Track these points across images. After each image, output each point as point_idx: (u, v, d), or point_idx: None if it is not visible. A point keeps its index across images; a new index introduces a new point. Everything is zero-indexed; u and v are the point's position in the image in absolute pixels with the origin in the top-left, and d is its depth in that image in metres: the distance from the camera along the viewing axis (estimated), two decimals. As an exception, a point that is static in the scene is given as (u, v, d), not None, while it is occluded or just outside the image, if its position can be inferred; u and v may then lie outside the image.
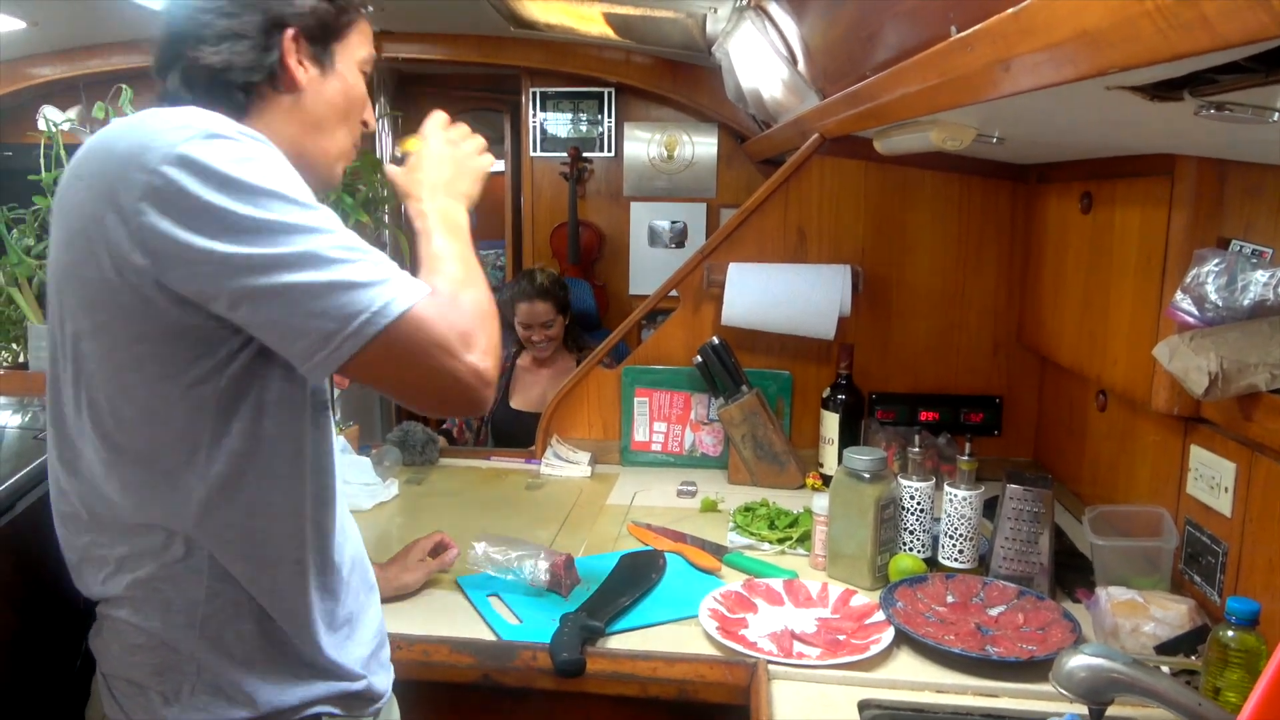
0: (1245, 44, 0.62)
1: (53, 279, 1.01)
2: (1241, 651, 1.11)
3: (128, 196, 0.89)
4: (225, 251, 0.89)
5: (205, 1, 1.04)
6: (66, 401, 1.01)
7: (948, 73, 1.14)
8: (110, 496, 1.01)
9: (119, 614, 1.04)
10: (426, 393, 0.99)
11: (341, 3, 1.10)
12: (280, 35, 1.04)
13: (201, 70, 1.03)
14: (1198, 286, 1.40)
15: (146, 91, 3.23)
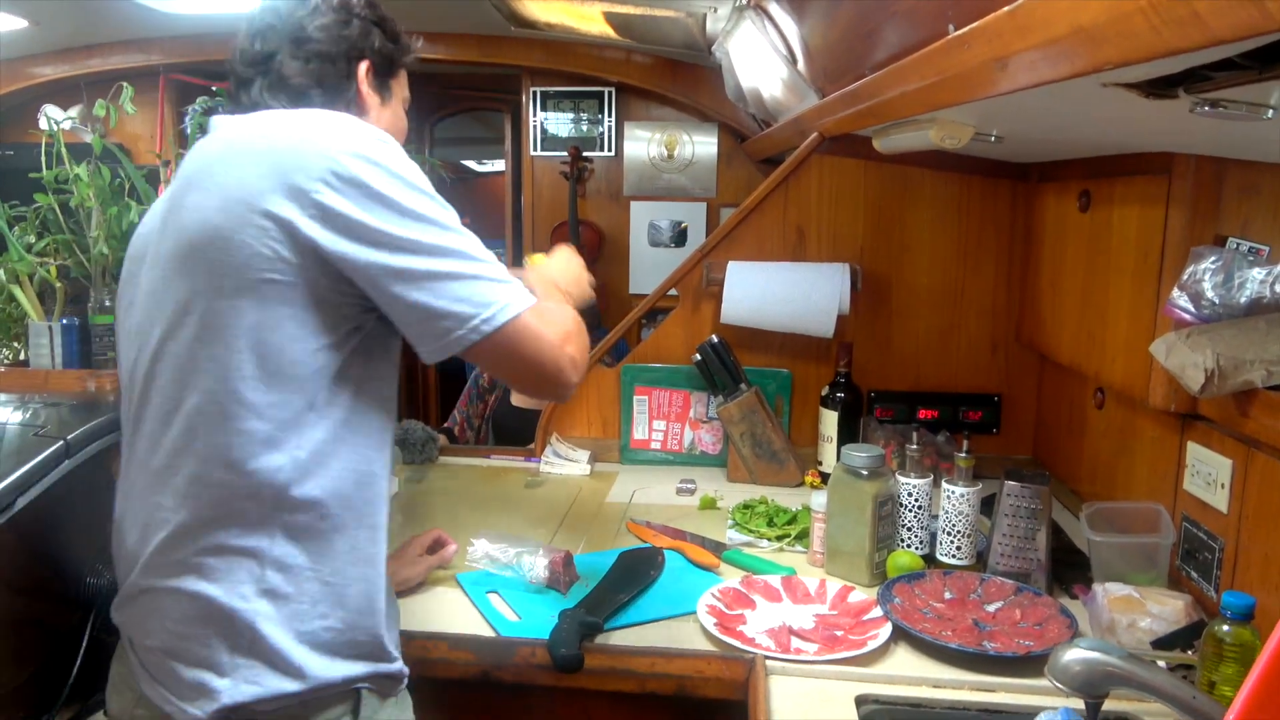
0: (1237, 40, 0.63)
1: (177, 245, 1.07)
2: (1237, 646, 1.12)
3: (304, 178, 1.02)
4: (393, 233, 1.03)
5: (301, 23, 1.20)
6: (171, 355, 1.06)
7: (945, 71, 1.14)
8: (206, 453, 1.04)
9: (177, 583, 1.06)
10: (529, 377, 1.18)
11: (403, 49, 1.31)
12: (358, 65, 1.23)
13: (289, 85, 1.18)
14: (1195, 284, 1.41)
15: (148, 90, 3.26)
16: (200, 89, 3.23)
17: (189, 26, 3.08)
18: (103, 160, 1.73)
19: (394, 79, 1.30)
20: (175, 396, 1.06)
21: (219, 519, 1.05)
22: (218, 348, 1.04)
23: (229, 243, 1.02)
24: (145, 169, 2.05)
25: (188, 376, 1.06)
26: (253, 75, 1.19)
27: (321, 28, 1.21)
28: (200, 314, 1.04)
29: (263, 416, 1.04)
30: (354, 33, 1.23)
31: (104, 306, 1.64)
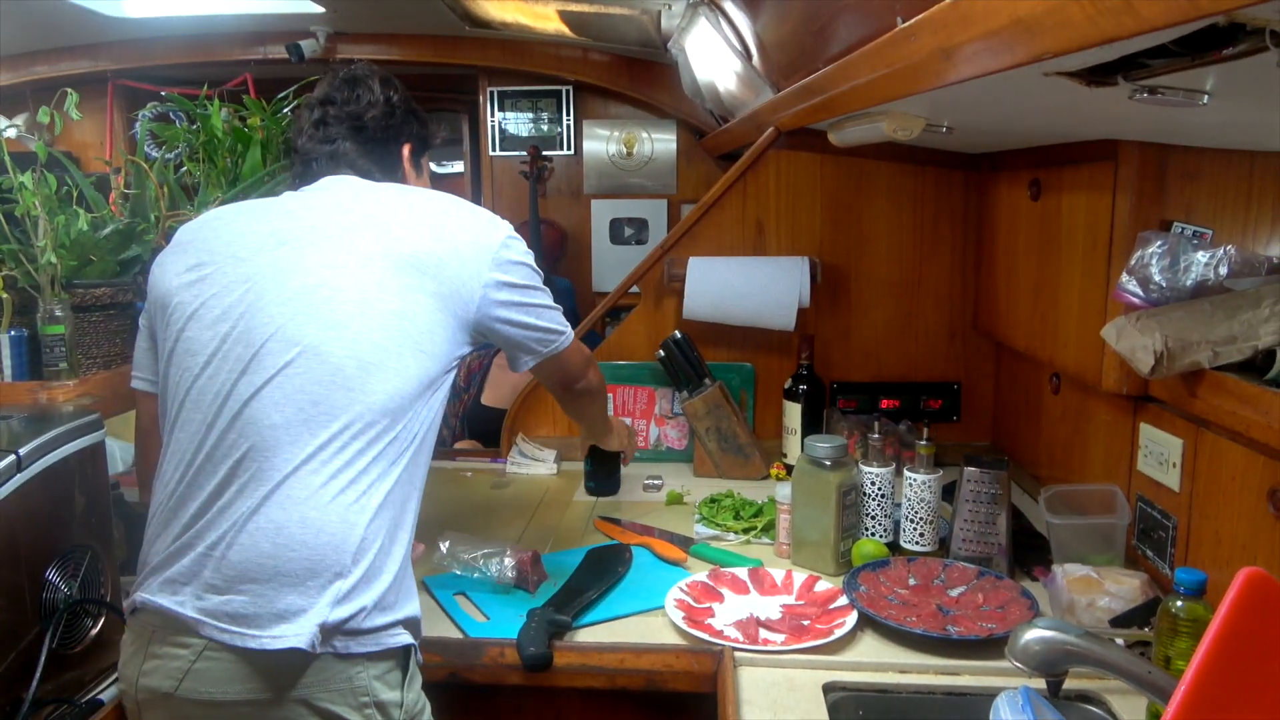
0: (1168, 27, 0.65)
1: (386, 249, 1.27)
2: (1190, 621, 1.14)
3: (490, 244, 1.34)
4: (531, 297, 1.40)
5: (359, 114, 1.44)
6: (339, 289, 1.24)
7: (894, 63, 1.16)
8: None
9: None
10: (566, 381, 1.59)
11: (431, 130, 1.57)
12: (403, 147, 1.49)
13: (353, 163, 1.43)
14: (1142, 268, 1.44)
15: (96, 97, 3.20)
16: (149, 94, 3.19)
17: (136, 31, 3.03)
18: (49, 168, 1.70)
19: (425, 158, 1.57)
20: (336, 325, 1.25)
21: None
22: (375, 333, 1.24)
23: (424, 266, 1.27)
24: (95, 176, 2.01)
25: (346, 314, 1.25)
26: (317, 154, 1.43)
27: (374, 119, 1.45)
28: (374, 286, 1.26)
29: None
30: (397, 122, 1.47)
31: (53, 317, 1.61)
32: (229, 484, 1.17)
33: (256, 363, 1.19)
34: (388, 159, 1.47)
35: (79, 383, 1.62)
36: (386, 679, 1.18)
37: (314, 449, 1.17)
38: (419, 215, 1.35)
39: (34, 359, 1.65)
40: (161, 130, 2.09)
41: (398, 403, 1.22)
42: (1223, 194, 1.46)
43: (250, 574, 1.13)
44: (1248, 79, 0.83)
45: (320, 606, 1.12)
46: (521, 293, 1.38)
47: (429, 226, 1.32)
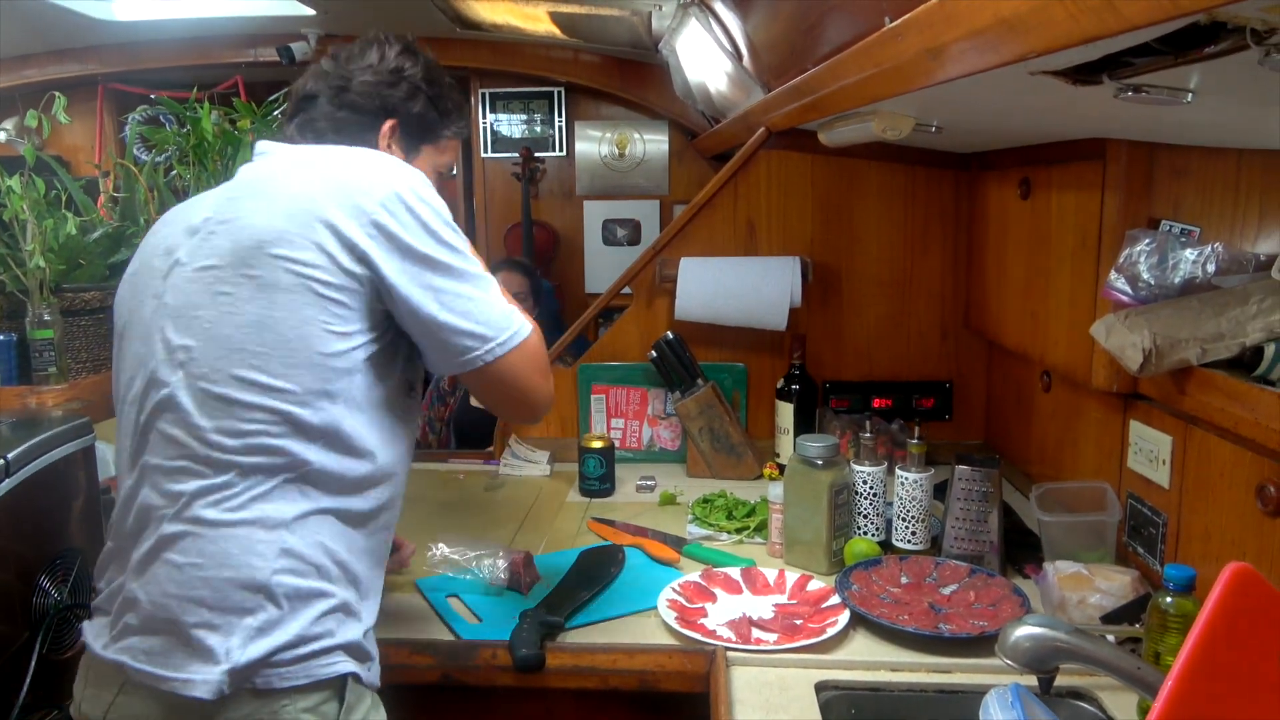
0: (1149, 25, 0.65)
1: (236, 245, 1.12)
2: (1179, 616, 1.15)
3: (366, 199, 1.12)
4: (435, 256, 1.14)
5: (349, 75, 1.31)
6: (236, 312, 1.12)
7: (882, 63, 1.16)
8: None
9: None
10: (514, 402, 1.27)
11: (448, 120, 1.39)
12: (384, 122, 1.31)
13: (315, 126, 1.30)
14: (1131, 266, 1.45)
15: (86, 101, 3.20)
16: (139, 98, 3.18)
17: (127, 35, 3.03)
18: (38, 172, 1.69)
19: (429, 145, 1.38)
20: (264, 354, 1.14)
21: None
22: (273, 324, 1.11)
23: (291, 244, 1.10)
24: (85, 180, 2.01)
25: (266, 337, 1.13)
26: (295, 111, 1.32)
27: (364, 83, 1.31)
28: (254, 285, 1.12)
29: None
30: (396, 94, 1.32)
31: (42, 321, 1.61)
32: (136, 522, 1.13)
33: (147, 393, 1.14)
34: (355, 129, 1.31)
35: (68, 387, 1.62)
36: (320, 711, 1.11)
37: (204, 485, 1.10)
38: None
39: (23, 363, 1.65)
40: (151, 133, 2.09)
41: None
42: (1210, 191, 1.47)
43: (159, 614, 1.08)
44: (1231, 77, 0.84)
45: (231, 646, 1.06)
46: (411, 245, 1.16)
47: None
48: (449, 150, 1.42)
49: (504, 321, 1.20)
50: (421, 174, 1.20)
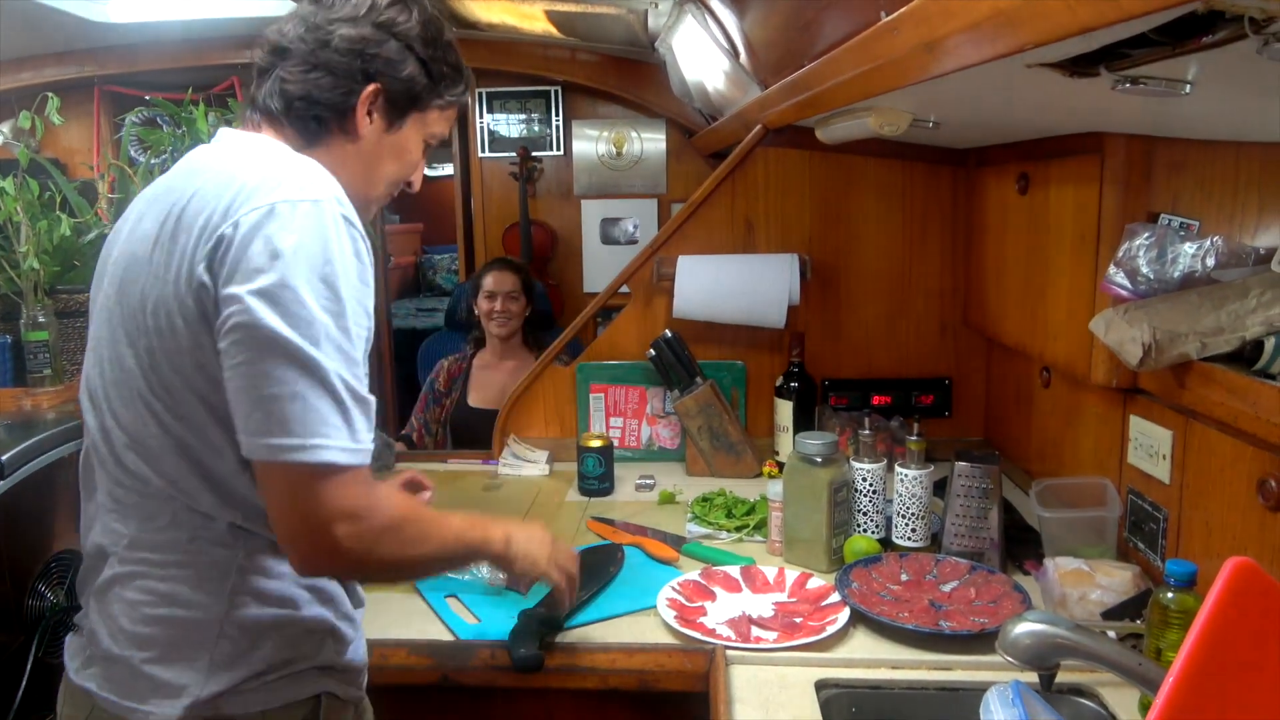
0: (1146, 14, 0.65)
1: (138, 265, 1.04)
2: (1180, 612, 1.14)
3: (227, 226, 0.98)
4: (259, 308, 0.95)
5: (330, 28, 1.12)
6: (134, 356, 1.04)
7: (878, 57, 1.15)
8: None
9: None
10: (291, 536, 1.00)
11: (442, 88, 1.19)
12: (363, 86, 1.12)
13: (285, 92, 1.12)
14: (1130, 260, 1.44)
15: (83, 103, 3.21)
16: (136, 99, 3.17)
17: (123, 37, 3.01)
18: (33, 174, 1.69)
19: (418, 112, 1.19)
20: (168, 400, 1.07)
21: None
22: (151, 356, 1.05)
23: (157, 278, 1.03)
24: (80, 182, 2.00)
25: (161, 380, 1.06)
26: (262, 76, 1.14)
27: (345, 38, 1.12)
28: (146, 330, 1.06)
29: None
30: (382, 53, 1.13)
31: (37, 323, 1.60)
32: (93, 555, 1.11)
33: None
34: (330, 93, 1.12)
35: (63, 388, 1.61)
36: None
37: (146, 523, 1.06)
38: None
39: (18, 365, 1.64)
40: (147, 135, 2.09)
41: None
42: (1209, 185, 1.46)
43: (114, 649, 1.05)
44: (1229, 67, 0.83)
45: (189, 682, 1.03)
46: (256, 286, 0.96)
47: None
48: (443, 119, 1.23)
49: (310, 431, 0.97)
50: (315, 192, 1.01)
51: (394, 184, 1.23)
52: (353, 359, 1.00)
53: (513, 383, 2.66)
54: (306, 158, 1.09)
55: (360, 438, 1.00)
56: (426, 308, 5.89)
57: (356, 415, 0.99)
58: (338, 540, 0.98)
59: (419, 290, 6.70)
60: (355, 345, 1.00)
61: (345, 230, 1.01)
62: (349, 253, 1.01)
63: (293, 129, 1.13)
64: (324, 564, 1.04)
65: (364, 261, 1.03)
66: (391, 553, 1.04)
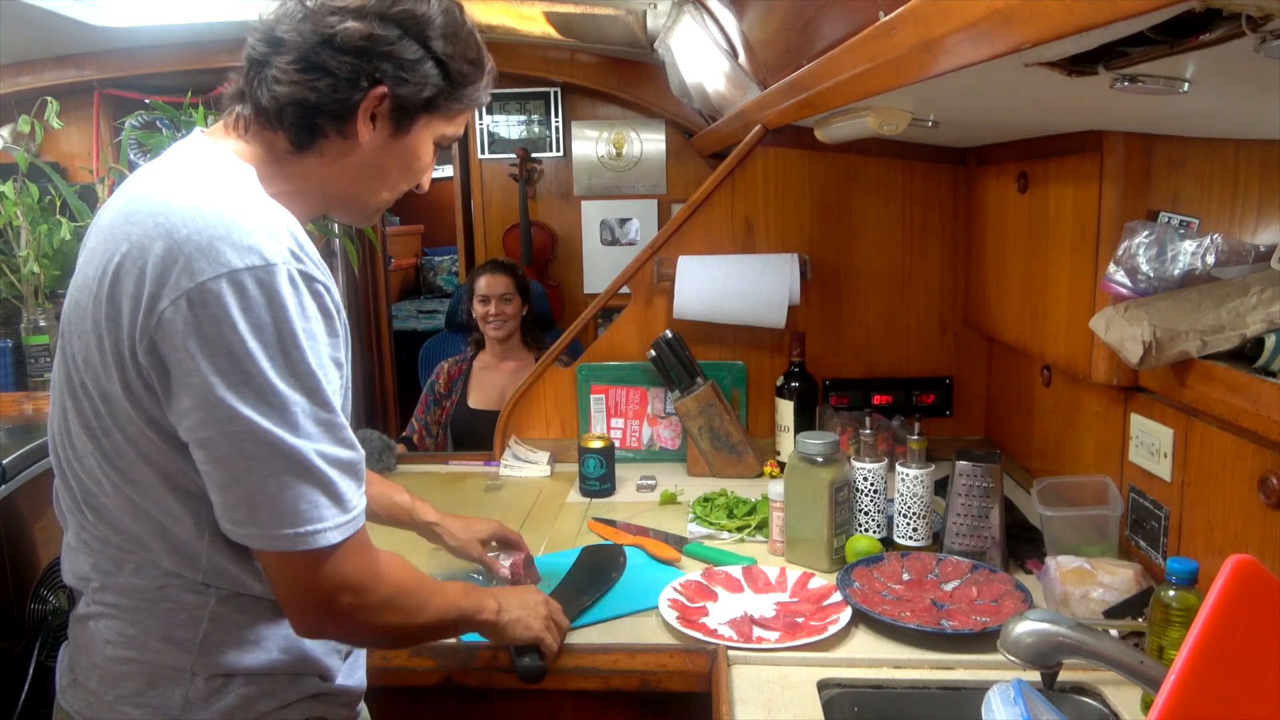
0: (1143, 13, 0.65)
1: (77, 312, 0.99)
2: (1182, 610, 1.14)
3: (165, 304, 0.89)
4: (228, 400, 0.90)
5: (319, 23, 0.99)
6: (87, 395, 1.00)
7: (876, 57, 1.15)
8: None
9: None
10: (294, 608, 1.00)
11: (459, 89, 1.07)
12: (368, 90, 1.00)
13: (277, 94, 0.99)
14: (1130, 258, 1.44)
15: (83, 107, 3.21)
16: (135, 103, 3.18)
17: (122, 41, 3.02)
18: (33, 178, 1.69)
19: (431, 115, 1.07)
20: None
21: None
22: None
23: (83, 333, 0.99)
24: (80, 186, 2.01)
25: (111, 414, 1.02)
26: (250, 75, 1.01)
27: (351, 34, 0.97)
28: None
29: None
30: (394, 52, 1.00)
31: (38, 327, 1.60)
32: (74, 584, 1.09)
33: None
34: (337, 102, 0.99)
35: (66, 393, 1.61)
36: None
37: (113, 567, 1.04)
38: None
39: (19, 369, 1.65)
40: (146, 138, 2.09)
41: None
42: (1209, 183, 1.46)
43: (88, 683, 1.04)
44: (1227, 65, 0.83)
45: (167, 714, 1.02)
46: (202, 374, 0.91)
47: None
48: (459, 119, 1.11)
49: (313, 512, 0.95)
50: (268, 247, 0.91)
51: (400, 190, 1.14)
52: (333, 424, 0.96)
53: (513, 384, 2.66)
54: (257, 197, 0.98)
55: (351, 506, 0.97)
56: (427, 309, 5.89)
57: (344, 485, 0.96)
58: (342, 610, 0.99)
59: (419, 292, 6.72)
60: (335, 410, 0.96)
61: (305, 291, 0.93)
62: (315, 314, 0.94)
63: (284, 132, 1.02)
64: (328, 631, 1.04)
65: (331, 313, 0.96)
66: (391, 622, 1.05)
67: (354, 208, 1.12)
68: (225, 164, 1.00)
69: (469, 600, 1.21)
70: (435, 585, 1.14)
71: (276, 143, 1.03)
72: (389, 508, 1.50)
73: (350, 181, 1.08)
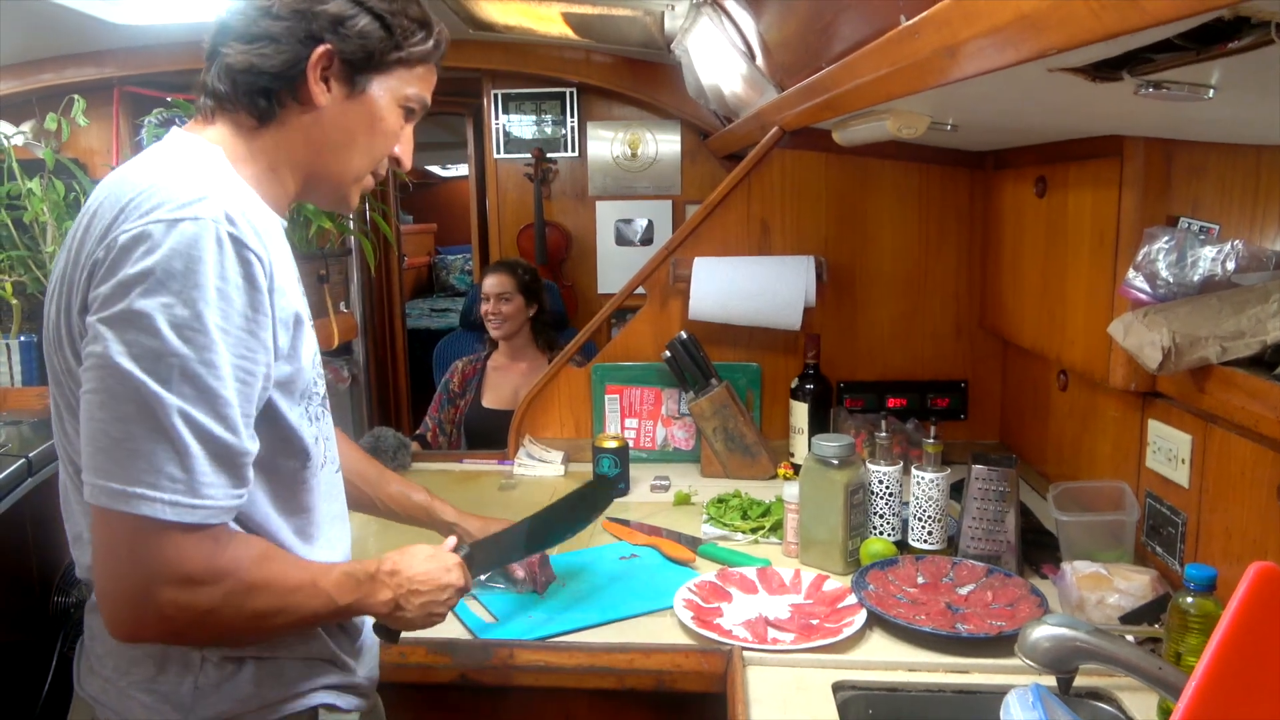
0: (1172, 21, 0.65)
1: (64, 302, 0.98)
2: (1200, 616, 1.14)
3: (100, 250, 0.91)
4: (106, 334, 0.88)
5: (260, 2, 1.03)
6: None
7: (898, 61, 1.15)
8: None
9: None
10: (104, 592, 0.93)
11: (403, 41, 1.08)
12: (311, 49, 1.03)
13: (229, 68, 1.03)
14: (1149, 264, 1.44)
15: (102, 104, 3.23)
16: (155, 101, 3.20)
17: (142, 38, 3.04)
18: (57, 175, 1.71)
19: (380, 74, 1.08)
20: None
21: None
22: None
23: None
24: (101, 183, 2.02)
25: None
26: (209, 59, 1.06)
27: (286, 4, 1.03)
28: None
29: None
30: (329, 9, 1.03)
31: (63, 323, 1.62)
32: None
33: None
34: (276, 62, 1.03)
35: (88, 388, 1.63)
36: None
37: None
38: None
39: (43, 364, 1.66)
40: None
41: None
42: (1230, 189, 1.46)
43: (102, 671, 1.05)
44: (1254, 72, 0.83)
45: (178, 709, 1.02)
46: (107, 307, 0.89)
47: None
48: (415, 79, 1.12)
49: (146, 478, 0.88)
50: (200, 208, 0.91)
51: (373, 159, 1.13)
52: (218, 397, 0.90)
53: (526, 383, 2.67)
54: (215, 168, 1.01)
55: (203, 491, 0.89)
56: (440, 308, 5.92)
57: (203, 465, 0.89)
58: (159, 606, 0.90)
59: (432, 290, 6.74)
60: (225, 382, 0.90)
61: (232, 252, 0.91)
62: (233, 276, 0.91)
63: (243, 109, 1.04)
64: (139, 630, 0.94)
65: (258, 286, 0.93)
66: (229, 623, 0.96)
67: (329, 183, 1.12)
68: (190, 146, 1.03)
69: (353, 594, 1.07)
70: (301, 577, 1.02)
71: (240, 120, 1.05)
72: (408, 506, 1.51)
73: (317, 150, 1.08)
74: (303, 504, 1.08)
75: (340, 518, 1.18)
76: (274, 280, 0.96)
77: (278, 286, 0.97)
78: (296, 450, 1.05)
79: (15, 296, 1.61)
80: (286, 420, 1.02)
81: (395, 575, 1.12)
